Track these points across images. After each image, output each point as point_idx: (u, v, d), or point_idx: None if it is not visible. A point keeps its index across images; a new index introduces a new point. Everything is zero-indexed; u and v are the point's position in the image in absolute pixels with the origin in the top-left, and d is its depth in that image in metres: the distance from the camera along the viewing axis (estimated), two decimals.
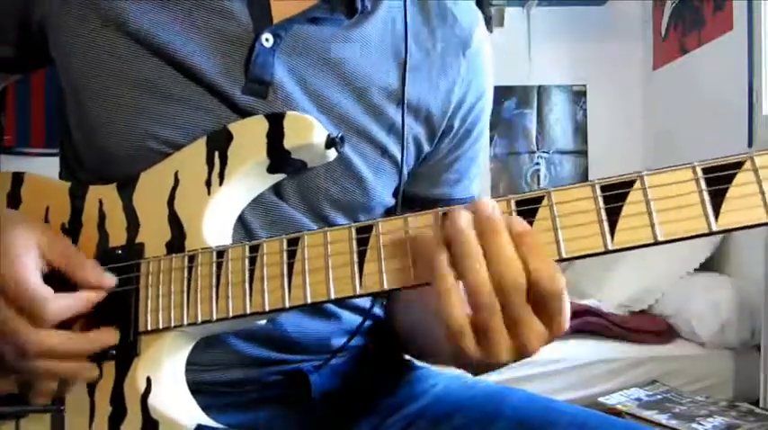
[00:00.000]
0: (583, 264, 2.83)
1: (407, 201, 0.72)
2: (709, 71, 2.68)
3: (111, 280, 0.59)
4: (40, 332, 0.55)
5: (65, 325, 0.57)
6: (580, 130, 3.37)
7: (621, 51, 3.31)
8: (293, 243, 0.54)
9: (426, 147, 0.71)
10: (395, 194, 0.71)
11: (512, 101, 3.31)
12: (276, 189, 0.64)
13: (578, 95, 3.36)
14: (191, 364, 0.62)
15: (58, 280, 0.57)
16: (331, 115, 0.65)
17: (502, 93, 3.25)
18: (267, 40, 0.63)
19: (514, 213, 0.48)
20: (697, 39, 2.77)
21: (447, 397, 0.70)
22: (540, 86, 3.34)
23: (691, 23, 2.83)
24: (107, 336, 0.58)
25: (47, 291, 0.55)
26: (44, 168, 0.76)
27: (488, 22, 3.10)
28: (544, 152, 3.36)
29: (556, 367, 2.09)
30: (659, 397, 2.03)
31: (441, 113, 0.70)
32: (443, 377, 0.74)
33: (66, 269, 0.58)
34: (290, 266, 0.53)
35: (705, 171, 0.45)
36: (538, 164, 3.36)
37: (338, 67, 0.66)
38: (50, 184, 0.66)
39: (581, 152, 3.36)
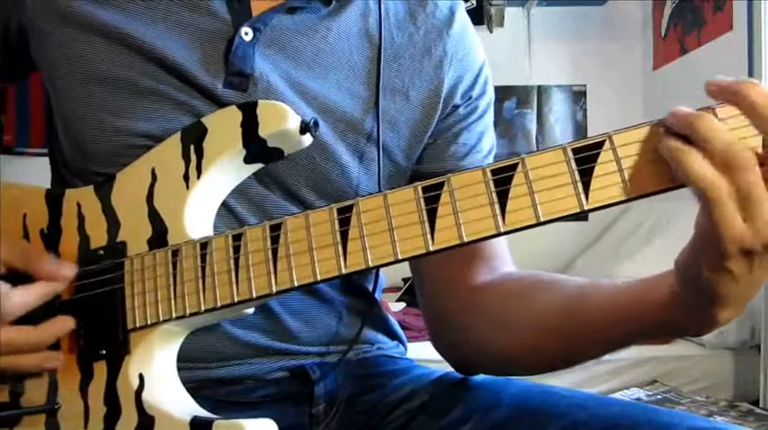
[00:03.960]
0: (583, 265, 2.83)
1: (420, 181, 0.72)
2: (709, 71, 2.67)
3: (70, 270, 0.59)
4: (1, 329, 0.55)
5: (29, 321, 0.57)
6: (580, 130, 3.37)
7: (621, 51, 3.31)
8: (276, 228, 0.54)
9: (425, 129, 0.71)
10: (390, 187, 0.71)
11: (512, 101, 3.31)
12: (262, 180, 0.65)
13: (578, 95, 3.36)
14: (193, 362, 0.62)
15: (19, 281, 0.57)
16: (313, 104, 0.66)
17: (502, 93, 3.25)
18: (246, 33, 0.64)
19: (490, 182, 0.49)
20: (697, 39, 2.77)
21: (446, 391, 0.70)
22: (540, 86, 3.35)
23: (691, 23, 2.83)
24: (62, 324, 0.58)
25: (2, 286, 0.55)
26: (44, 168, 0.76)
27: (488, 22, 3.11)
28: None
29: None
30: (659, 397, 2.03)
31: (432, 93, 0.71)
32: (441, 372, 0.74)
33: (23, 266, 0.58)
34: (275, 251, 0.54)
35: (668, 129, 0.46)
36: None
37: (318, 57, 0.67)
38: (26, 191, 0.66)
39: None
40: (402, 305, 2.60)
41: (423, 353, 0.82)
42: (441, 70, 0.71)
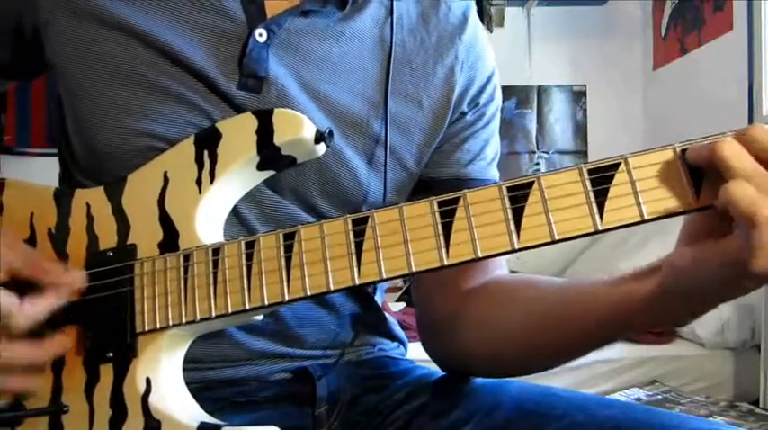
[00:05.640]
0: (583, 265, 2.83)
1: (421, 186, 0.72)
2: (709, 71, 2.68)
3: (79, 276, 0.58)
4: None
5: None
6: (580, 130, 3.37)
7: (621, 51, 3.31)
8: (289, 237, 0.54)
9: (436, 135, 0.71)
10: (399, 191, 0.71)
11: (512, 101, 3.31)
12: (269, 183, 0.65)
13: (578, 95, 3.36)
14: (197, 362, 0.61)
15: (22, 285, 0.56)
16: (326, 108, 0.66)
17: (502, 93, 3.25)
18: (261, 35, 0.64)
19: (506, 199, 0.49)
20: (697, 39, 2.77)
21: (447, 392, 0.70)
22: (540, 86, 3.35)
23: (691, 23, 2.83)
24: (63, 342, 0.58)
25: (10, 299, 0.54)
26: (44, 168, 0.76)
27: (488, 22, 3.11)
28: (544, 152, 3.36)
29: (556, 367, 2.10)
30: (659, 397, 2.03)
31: (443, 99, 0.71)
32: (442, 374, 0.74)
33: (29, 273, 0.56)
34: (288, 260, 0.54)
35: (685, 151, 0.46)
36: (538, 164, 3.36)
37: (331, 60, 0.67)
38: (34, 190, 0.65)
39: (581, 152, 3.36)
40: (402, 305, 2.60)
41: (422, 354, 0.82)
42: (452, 76, 0.71)
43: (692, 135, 0.49)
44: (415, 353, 0.84)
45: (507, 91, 3.29)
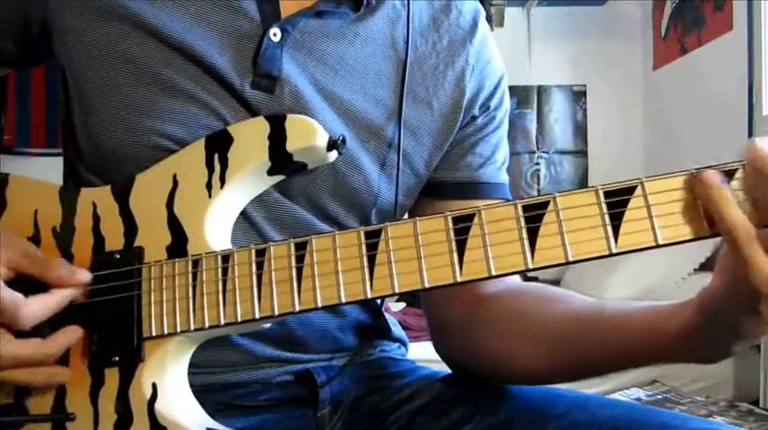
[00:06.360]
0: (584, 264, 2.83)
1: (432, 189, 0.72)
2: (709, 71, 2.68)
3: (85, 275, 0.57)
4: (9, 342, 0.53)
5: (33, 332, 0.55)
6: (580, 130, 3.37)
7: (621, 51, 3.31)
8: (301, 247, 0.54)
9: (446, 138, 0.71)
10: (408, 194, 0.71)
11: (512, 101, 3.30)
12: (279, 185, 0.64)
13: (578, 95, 3.36)
14: (198, 366, 0.61)
15: (27, 284, 0.55)
16: (339, 110, 0.65)
17: None
18: (275, 34, 0.63)
19: (521, 218, 0.49)
20: (697, 39, 2.77)
21: (448, 392, 0.70)
22: (540, 86, 3.35)
23: (691, 23, 2.83)
24: (70, 335, 0.56)
25: (15, 295, 0.53)
26: (44, 168, 0.75)
27: (489, 22, 3.11)
28: (544, 152, 3.36)
29: None
30: (659, 397, 2.03)
31: (453, 103, 0.70)
32: (443, 374, 0.74)
33: (35, 271, 0.56)
34: (299, 271, 0.53)
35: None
36: (538, 164, 3.36)
37: (344, 61, 0.66)
38: (38, 187, 0.64)
39: (581, 152, 3.36)
40: (402, 305, 2.60)
41: (423, 354, 0.82)
42: (462, 80, 0.71)
43: (692, 135, 0.49)
44: (416, 353, 0.84)
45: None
